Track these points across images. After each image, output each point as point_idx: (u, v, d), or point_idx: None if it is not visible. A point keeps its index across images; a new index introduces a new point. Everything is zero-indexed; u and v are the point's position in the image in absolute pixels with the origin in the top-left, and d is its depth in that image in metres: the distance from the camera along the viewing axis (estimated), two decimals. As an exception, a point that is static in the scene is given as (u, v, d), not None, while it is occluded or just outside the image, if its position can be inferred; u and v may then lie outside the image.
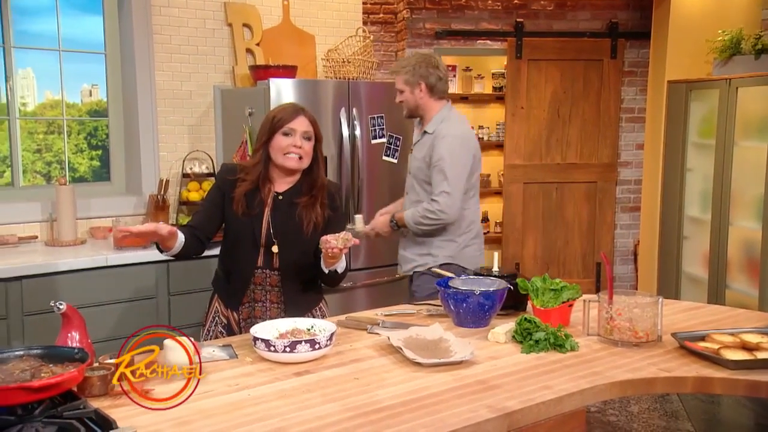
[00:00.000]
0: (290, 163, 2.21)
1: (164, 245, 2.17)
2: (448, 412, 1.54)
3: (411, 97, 2.91)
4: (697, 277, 4.47)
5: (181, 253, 2.23)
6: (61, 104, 3.82)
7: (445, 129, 2.86)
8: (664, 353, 1.94)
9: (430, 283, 2.73)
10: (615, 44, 5.16)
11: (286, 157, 2.20)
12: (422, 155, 2.88)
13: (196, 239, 2.24)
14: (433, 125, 2.90)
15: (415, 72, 2.88)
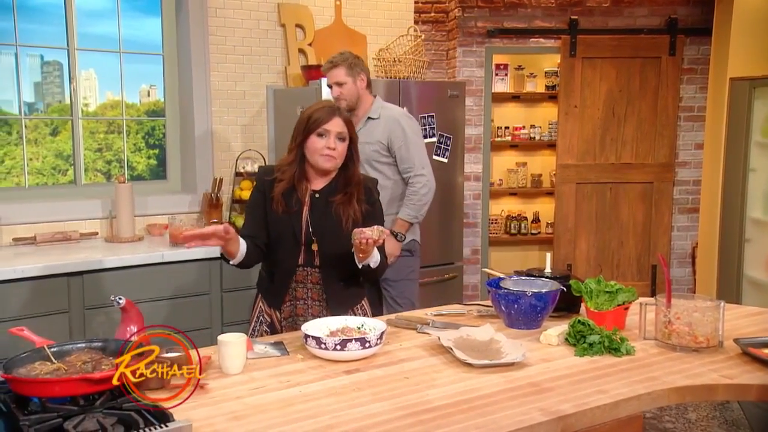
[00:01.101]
0: (325, 164, 2.22)
1: (228, 251, 2.19)
2: (500, 414, 1.52)
3: (354, 88, 3.06)
4: (759, 281, 4.30)
5: (245, 262, 2.26)
6: (121, 104, 3.94)
7: (391, 111, 3.13)
8: (725, 359, 1.87)
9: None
10: (674, 41, 5.01)
11: (322, 158, 2.21)
12: (375, 139, 3.06)
13: (256, 247, 2.27)
14: (375, 111, 3.10)
15: (354, 65, 3.07)
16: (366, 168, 3.04)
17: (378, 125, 3.08)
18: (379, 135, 3.07)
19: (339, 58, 3.09)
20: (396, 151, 3.08)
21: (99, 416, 1.38)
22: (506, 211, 5.73)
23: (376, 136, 3.07)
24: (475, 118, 5.09)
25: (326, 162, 2.22)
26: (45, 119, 3.84)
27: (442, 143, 3.84)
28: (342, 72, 3.06)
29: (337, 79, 3.07)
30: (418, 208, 3.09)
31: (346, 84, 3.06)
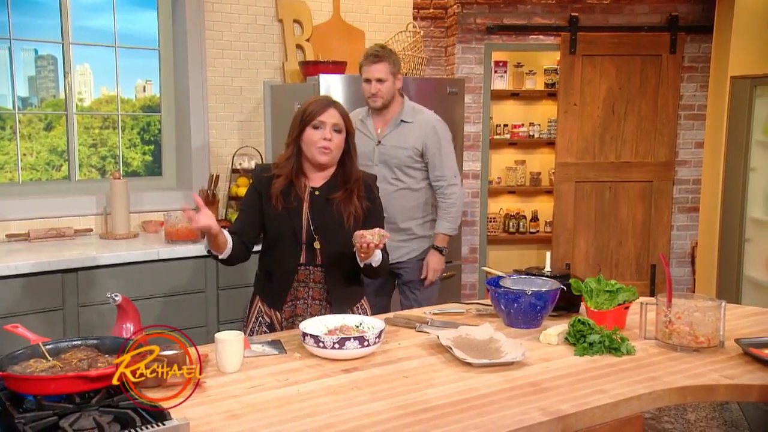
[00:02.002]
0: (321, 158, 2.22)
1: (215, 246, 2.19)
2: (499, 413, 1.52)
3: (392, 87, 2.97)
4: (759, 281, 4.31)
5: (231, 260, 2.26)
6: (116, 100, 3.93)
7: (426, 115, 3.06)
8: (726, 359, 1.88)
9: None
10: (675, 38, 5.02)
11: (318, 151, 2.21)
12: (410, 144, 2.99)
13: (243, 245, 2.26)
14: (408, 114, 3.02)
15: (396, 63, 2.98)
16: (396, 172, 3.02)
17: (412, 129, 3.01)
18: (414, 140, 3.00)
19: (384, 53, 2.96)
20: (430, 158, 3.02)
21: (95, 414, 1.38)
22: (505, 209, 5.73)
23: (411, 141, 3.00)
24: (474, 116, 5.09)
25: (322, 156, 2.21)
26: (39, 114, 3.83)
27: (441, 141, 3.83)
28: (386, 68, 2.92)
29: (380, 74, 2.93)
30: (456, 220, 3.08)
31: (386, 82, 2.94)
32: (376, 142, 3.03)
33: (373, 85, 2.94)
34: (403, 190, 3.04)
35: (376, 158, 3.02)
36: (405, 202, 3.05)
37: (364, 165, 2.91)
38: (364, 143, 2.95)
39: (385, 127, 3.03)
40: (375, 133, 3.04)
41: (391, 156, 3.01)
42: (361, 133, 2.95)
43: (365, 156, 2.96)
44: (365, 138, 3.01)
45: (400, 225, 3.05)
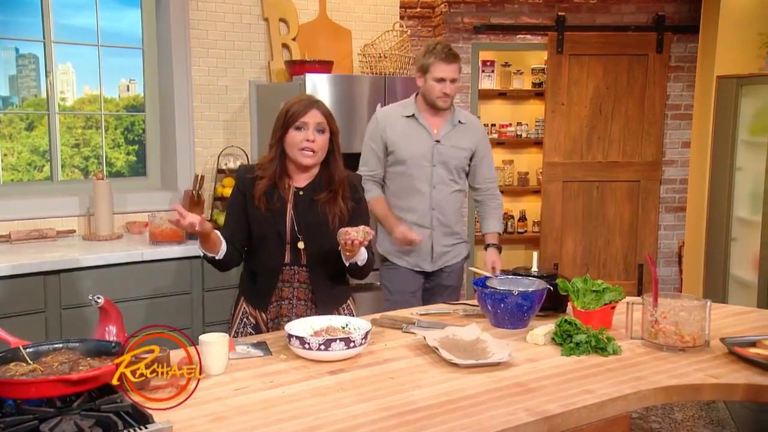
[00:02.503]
0: (305, 161, 2.21)
1: (209, 246, 2.18)
2: (485, 414, 1.53)
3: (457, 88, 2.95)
4: (745, 280, 4.36)
5: (226, 263, 2.26)
6: (99, 99, 3.90)
7: (472, 117, 3.09)
8: (711, 359, 1.89)
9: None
10: (661, 38, 5.06)
11: (301, 153, 2.20)
12: (467, 146, 2.96)
13: (234, 250, 2.26)
14: (461, 115, 3.00)
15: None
16: (453, 174, 2.97)
17: (467, 131, 2.98)
18: (469, 141, 2.97)
19: (456, 52, 2.90)
20: (479, 160, 3.01)
21: (76, 418, 1.37)
22: (492, 209, 5.74)
23: (467, 142, 2.96)
24: (462, 115, 5.09)
25: (305, 158, 2.21)
26: (20, 114, 3.80)
27: (428, 140, 3.84)
28: (458, 68, 2.88)
29: (455, 74, 2.87)
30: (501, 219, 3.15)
31: (457, 82, 2.90)
32: (435, 142, 2.94)
33: (448, 84, 2.86)
34: (458, 192, 3.02)
35: (435, 158, 2.93)
36: (458, 205, 3.05)
37: (419, 165, 2.91)
38: (419, 142, 2.92)
39: (441, 126, 2.94)
40: (432, 132, 2.94)
41: (450, 157, 2.94)
42: (413, 131, 2.92)
43: (422, 156, 2.91)
44: (421, 136, 2.93)
45: (454, 228, 3.03)
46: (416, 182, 2.93)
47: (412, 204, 2.95)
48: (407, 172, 2.93)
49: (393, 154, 2.93)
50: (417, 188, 2.93)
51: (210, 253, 2.21)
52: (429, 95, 2.89)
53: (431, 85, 2.87)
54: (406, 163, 2.92)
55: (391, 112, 2.99)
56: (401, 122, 2.94)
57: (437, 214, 2.96)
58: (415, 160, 2.91)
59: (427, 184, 2.93)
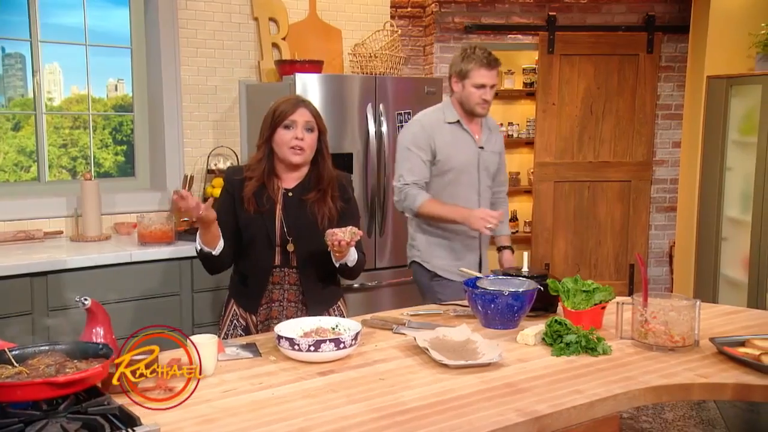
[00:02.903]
0: (294, 159, 2.21)
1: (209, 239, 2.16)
2: (475, 415, 1.53)
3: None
4: (736, 280, 4.39)
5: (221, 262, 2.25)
6: (87, 99, 3.89)
7: (493, 120, 3.02)
8: (701, 358, 1.90)
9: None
10: (651, 38, 5.08)
11: (291, 151, 2.20)
12: (498, 149, 2.97)
13: (226, 251, 2.25)
14: (489, 120, 2.96)
15: None
16: (492, 179, 2.94)
17: (495, 134, 2.97)
18: (499, 145, 2.98)
19: (496, 57, 2.80)
20: (500, 165, 3.01)
21: (63, 421, 1.36)
22: (484, 209, 5.76)
23: (498, 146, 2.97)
24: (453, 115, 5.10)
25: (294, 156, 2.21)
26: (6, 114, 3.77)
27: (419, 140, 3.84)
28: (497, 74, 2.81)
29: (495, 80, 2.79)
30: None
31: (495, 87, 2.82)
32: (479, 148, 2.87)
33: (488, 91, 2.77)
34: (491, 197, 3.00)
35: (480, 165, 2.87)
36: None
37: (467, 173, 2.83)
38: (465, 149, 2.83)
39: (480, 132, 2.89)
40: (475, 139, 2.87)
41: (490, 162, 2.91)
42: (459, 138, 2.83)
43: (469, 164, 2.83)
44: (467, 143, 2.84)
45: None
46: (464, 191, 2.84)
47: None
48: (455, 181, 2.82)
49: (440, 163, 2.81)
50: (465, 197, 2.83)
51: (207, 248, 2.20)
52: (467, 102, 2.79)
53: (470, 92, 2.76)
54: (455, 171, 2.82)
55: (434, 119, 2.85)
56: (446, 129, 2.82)
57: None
58: (463, 168, 2.83)
59: (474, 192, 2.87)
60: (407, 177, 2.80)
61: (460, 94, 2.81)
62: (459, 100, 2.83)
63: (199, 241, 2.20)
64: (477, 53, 2.76)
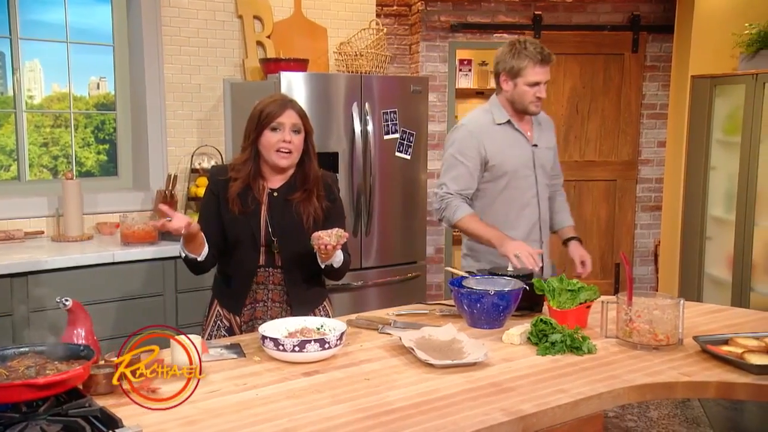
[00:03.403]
0: (282, 163, 2.21)
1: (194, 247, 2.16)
2: (460, 414, 1.54)
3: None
4: (720, 279, 4.43)
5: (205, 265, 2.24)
6: (69, 97, 3.85)
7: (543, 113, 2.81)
8: (685, 357, 1.92)
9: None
10: (637, 38, 5.13)
11: (277, 155, 2.19)
12: (551, 144, 2.81)
13: (210, 254, 2.24)
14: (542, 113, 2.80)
15: None
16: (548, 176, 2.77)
17: (546, 128, 2.81)
18: (551, 138, 2.81)
19: (549, 51, 2.63)
20: (554, 157, 2.84)
21: (43, 423, 1.35)
22: (470, 209, 5.78)
23: (551, 140, 2.80)
24: (439, 115, 5.12)
25: (282, 160, 2.20)
26: (-14, 112, 3.74)
27: (405, 140, 3.85)
28: (549, 70, 2.63)
29: (549, 76, 2.62)
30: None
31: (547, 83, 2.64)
32: (533, 146, 2.71)
33: (542, 88, 2.60)
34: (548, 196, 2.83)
35: (536, 164, 2.71)
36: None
37: (523, 176, 2.67)
38: (519, 149, 2.67)
39: (530, 130, 2.73)
40: (527, 137, 2.71)
41: (545, 159, 2.75)
42: (511, 138, 2.67)
43: (524, 165, 2.67)
44: (519, 143, 2.68)
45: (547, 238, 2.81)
46: (522, 194, 2.69)
47: (518, 221, 2.69)
48: (511, 185, 2.67)
49: (494, 168, 2.65)
50: (523, 201, 2.69)
51: (192, 255, 2.19)
52: (520, 101, 2.62)
53: (523, 90, 2.60)
54: (509, 174, 2.65)
55: (482, 122, 2.70)
56: (496, 131, 2.67)
57: (542, 224, 2.75)
58: (519, 170, 2.66)
59: (533, 194, 2.71)
60: (451, 186, 2.66)
61: (511, 93, 2.64)
62: (510, 99, 2.65)
63: (183, 249, 2.19)
64: (529, 49, 2.58)
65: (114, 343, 2.99)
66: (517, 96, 2.62)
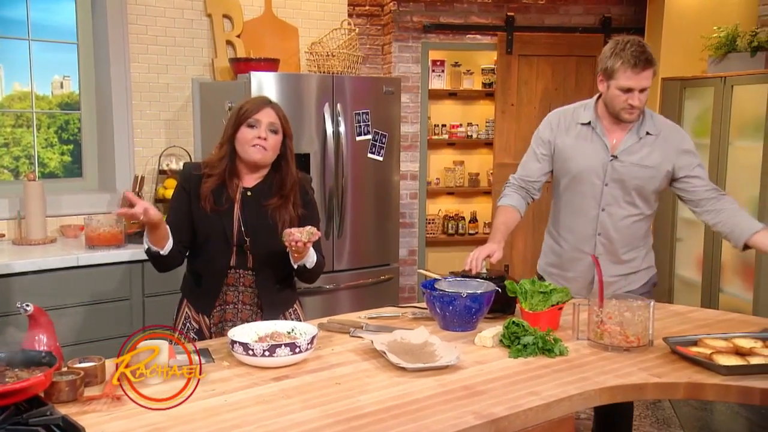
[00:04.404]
0: (255, 156, 2.19)
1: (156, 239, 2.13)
2: (432, 418, 1.54)
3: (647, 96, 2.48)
4: (690, 280, 4.51)
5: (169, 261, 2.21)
6: (31, 96, 3.78)
7: (671, 124, 2.60)
8: (655, 358, 1.96)
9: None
10: (608, 40, 5.17)
11: (251, 149, 2.19)
12: (652, 162, 2.49)
13: (177, 249, 2.22)
14: (650, 125, 2.52)
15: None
16: (633, 195, 2.51)
17: (657, 144, 2.50)
18: (658, 157, 2.49)
19: (652, 54, 2.41)
20: (689, 177, 2.51)
21: (2, 433, 1.32)
22: (444, 210, 5.81)
23: (654, 158, 2.48)
24: (412, 116, 5.14)
25: (256, 153, 2.19)
26: (-56, 111, 3.65)
27: (377, 141, 3.86)
28: (652, 73, 2.41)
29: (648, 82, 2.40)
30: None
31: (647, 90, 2.43)
32: (611, 157, 2.51)
33: (636, 95, 2.40)
34: (637, 218, 2.55)
35: (607, 176, 2.51)
36: (636, 230, 2.58)
37: (589, 182, 2.53)
38: (591, 155, 2.52)
39: (623, 138, 2.51)
40: (610, 144, 2.53)
41: (630, 176, 2.49)
42: (587, 141, 2.54)
43: (592, 171, 2.52)
44: (593, 149, 2.53)
45: (621, 256, 2.58)
46: (582, 200, 2.56)
47: (573, 224, 2.61)
48: (571, 188, 2.58)
49: (559, 165, 2.60)
50: (582, 208, 2.57)
51: (155, 247, 2.16)
52: (611, 105, 2.48)
53: (614, 94, 2.44)
54: (570, 176, 2.57)
55: (566, 116, 2.62)
56: (575, 129, 2.57)
57: (603, 239, 2.56)
58: (584, 176, 2.53)
59: (594, 205, 2.54)
60: (518, 171, 2.71)
61: (605, 95, 2.50)
62: (604, 101, 2.52)
63: (146, 240, 2.16)
64: (627, 50, 2.39)
65: (78, 350, 2.95)
66: (609, 99, 2.48)
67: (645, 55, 2.38)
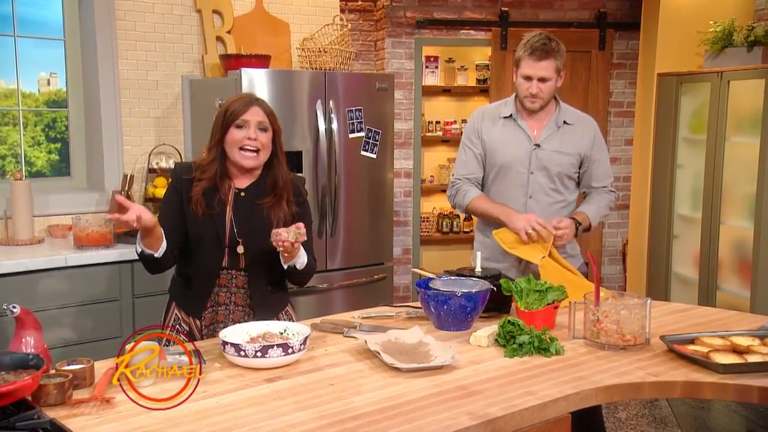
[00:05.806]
0: (246, 162, 2.19)
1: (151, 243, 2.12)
2: (427, 419, 1.54)
3: (554, 87, 2.63)
4: (687, 277, 4.53)
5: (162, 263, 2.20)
6: (17, 94, 3.76)
7: (585, 116, 2.78)
8: (652, 357, 1.96)
9: None
10: (603, 35, 5.21)
11: (243, 155, 2.18)
12: (570, 150, 2.68)
13: (169, 251, 2.21)
14: (568, 115, 2.71)
15: (564, 57, 2.64)
16: (556, 182, 2.69)
17: (574, 133, 2.69)
18: (577, 145, 2.69)
19: (552, 46, 2.56)
20: (592, 165, 2.72)
21: (-11, 437, 1.32)
22: (438, 208, 5.81)
23: (571, 146, 2.68)
24: (405, 112, 5.14)
25: (246, 160, 2.19)
26: (-72, 109, 3.63)
27: (371, 138, 3.86)
28: (552, 65, 2.56)
29: (545, 72, 2.56)
30: (603, 216, 2.84)
31: (550, 81, 2.58)
32: (534, 146, 2.67)
33: (535, 84, 2.58)
34: (562, 204, 2.72)
35: (533, 165, 2.67)
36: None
37: (515, 172, 2.67)
38: (517, 146, 2.68)
39: (542, 129, 2.68)
40: (532, 134, 2.69)
41: (553, 163, 2.67)
42: (510, 133, 2.69)
43: (519, 161, 2.67)
44: (518, 139, 2.68)
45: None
46: (510, 190, 2.70)
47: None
48: (500, 179, 2.71)
49: (487, 158, 2.72)
50: (510, 197, 2.69)
51: (149, 250, 2.15)
52: (519, 93, 2.66)
53: (519, 82, 2.63)
54: (498, 168, 2.70)
55: (489, 112, 2.77)
56: (500, 123, 2.71)
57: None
58: (510, 166, 2.68)
59: (522, 193, 2.69)
60: (459, 171, 2.77)
61: (514, 84, 2.67)
62: (515, 90, 2.70)
63: (139, 243, 2.15)
64: (530, 41, 2.58)
65: (66, 352, 2.94)
66: (516, 88, 2.67)
67: (546, 46, 2.56)
